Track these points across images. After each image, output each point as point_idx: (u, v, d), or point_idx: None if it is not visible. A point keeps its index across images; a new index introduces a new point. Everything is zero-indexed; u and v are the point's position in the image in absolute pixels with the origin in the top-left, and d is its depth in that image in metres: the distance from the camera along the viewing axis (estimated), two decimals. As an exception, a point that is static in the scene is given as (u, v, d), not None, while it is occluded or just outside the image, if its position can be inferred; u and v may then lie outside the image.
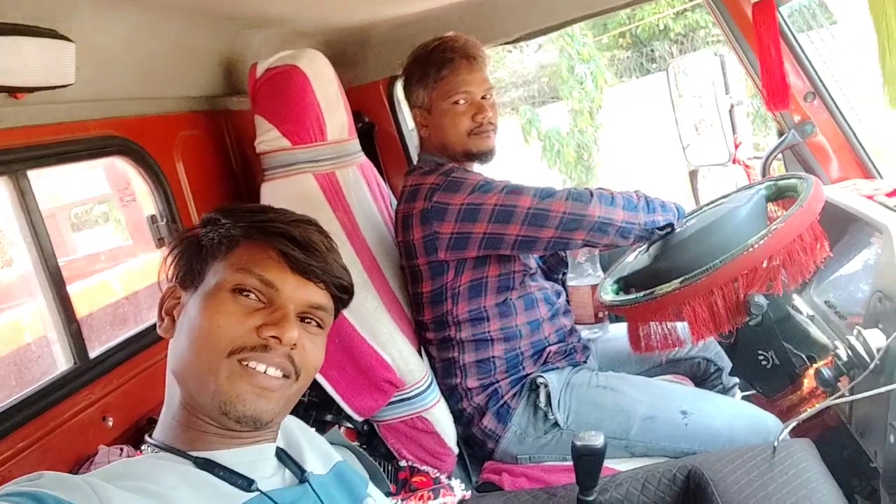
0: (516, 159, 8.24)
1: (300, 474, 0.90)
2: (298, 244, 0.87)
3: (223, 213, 0.91)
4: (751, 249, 1.46)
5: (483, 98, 1.74)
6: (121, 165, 1.65)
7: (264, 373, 0.83)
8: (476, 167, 1.82)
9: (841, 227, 1.72)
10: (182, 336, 0.86)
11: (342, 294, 0.94)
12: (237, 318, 0.83)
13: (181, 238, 0.92)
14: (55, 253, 1.37)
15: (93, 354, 1.41)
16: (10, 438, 1.19)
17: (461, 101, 1.72)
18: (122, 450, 1.33)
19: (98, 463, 1.27)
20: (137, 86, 1.58)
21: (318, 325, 0.91)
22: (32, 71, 1.21)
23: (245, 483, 0.82)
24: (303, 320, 0.88)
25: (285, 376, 0.85)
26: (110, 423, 1.38)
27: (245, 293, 0.85)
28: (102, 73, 1.44)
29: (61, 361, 1.37)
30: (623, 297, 1.70)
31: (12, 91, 1.21)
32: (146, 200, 1.69)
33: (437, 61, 1.73)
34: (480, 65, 1.75)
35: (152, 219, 1.67)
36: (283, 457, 0.91)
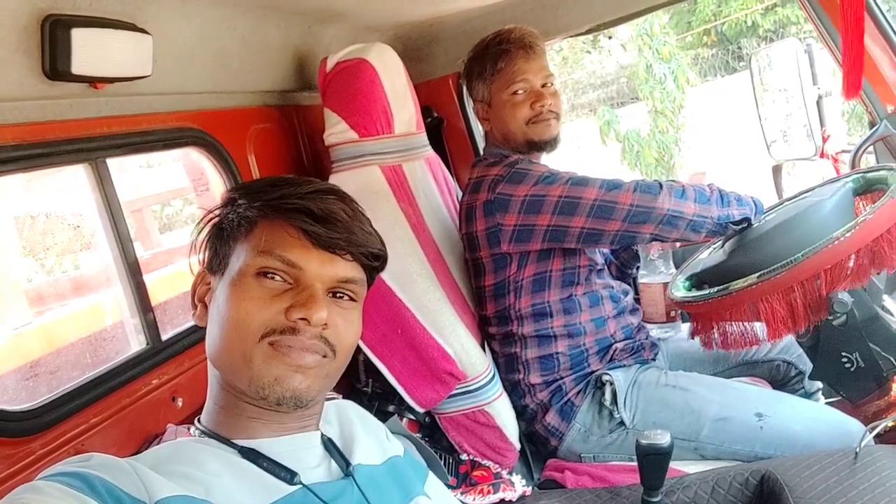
0: (594, 161, 8.11)
1: (345, 467, 0.87)
2: (318, 218, 0.82)
3: (240, 191, 0.88)
4: (836, 242, 1.37)
5: (543, 86, 1.72)
6: (196, 158, 1.71)
7: (299, 349, 0.80)
8: (542, 158, 1.79)
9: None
10: (214, 324, 0.83)
11: (373, 262, 0.89)
12: (264, 303, 0.80)
13: (205, 221, 0.88)
14: (139, 243, 1.42)
15: (165, 337, 1.45)
16: (85, 413, 1.24)
17: (520, 91, 1.71)
18: (188, 429, 1.37)
19: (166, 441, 1.31)
20: (211, 79, 1.63)
21: (351, 299, 0.87)
22: (112, 62, 1.26)
23: (288, 475, 0.80)
24: (334, 295, 0.85)
25: (322, 356, 0.82)
26: (179, 404, 1.42)
27: (270, 275, 0.81)
28: (178, 67, 1.49)
29: (135, 343, 1.43)
30: (695, 293, 1.63)
31: (93, 81, 1.26)
32: (220, 192, 1.74)
33: (493, 54, 1.72)
34: (538, 54, 1.74)
35: (224, 208, 1.72)
36: (329, 447, 0.89)
